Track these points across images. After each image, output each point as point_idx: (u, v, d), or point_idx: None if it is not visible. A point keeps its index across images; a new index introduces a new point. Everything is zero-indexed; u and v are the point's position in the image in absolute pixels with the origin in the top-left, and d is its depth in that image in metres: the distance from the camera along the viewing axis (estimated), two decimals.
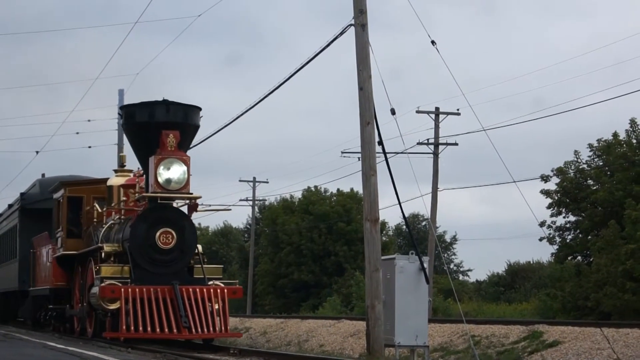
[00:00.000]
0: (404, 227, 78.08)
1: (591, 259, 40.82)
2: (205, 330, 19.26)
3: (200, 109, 21.21)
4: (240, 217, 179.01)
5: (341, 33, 20.20)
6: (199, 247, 21.32)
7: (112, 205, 23.27)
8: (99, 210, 24.18)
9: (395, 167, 21.81)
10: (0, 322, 36.61)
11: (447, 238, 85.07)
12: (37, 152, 45.43)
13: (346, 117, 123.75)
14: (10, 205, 37.06)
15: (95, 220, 24.32)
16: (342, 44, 20.75)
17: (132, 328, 18.93)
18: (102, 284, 19.67)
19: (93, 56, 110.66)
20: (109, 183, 24.21)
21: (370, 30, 19.85)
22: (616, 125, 75.93)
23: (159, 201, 20.21)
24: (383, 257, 20.14)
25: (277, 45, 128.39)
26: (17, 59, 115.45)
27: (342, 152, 48.45)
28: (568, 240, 43.75)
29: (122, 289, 19.37)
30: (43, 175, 35.06)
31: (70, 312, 24.95)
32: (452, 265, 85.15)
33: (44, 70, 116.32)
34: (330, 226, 60.50)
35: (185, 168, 19.96)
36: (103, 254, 21.07)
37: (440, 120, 45.50)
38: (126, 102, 41.84)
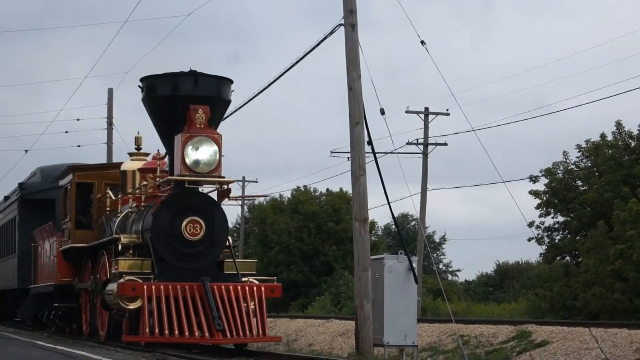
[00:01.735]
0: (393, 227, 78.28)
1: (579, 260, 40.95)
2: (241, 333, 16.64)
3: (232, 81, 18.68)
4: (229, 217, 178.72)
5: (331, 33, 20.21)
6: (229, 239, 18.68)
7: (128, 191, 20.58)
8: (113, 197, 21.44)
9: (384, 167, 21.89)
10: None
11: (436, 238, 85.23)
12: (26, 150, 45.31)
13: (335, 116, 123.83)
14: (6, 197, 34.50)
15: (108, 209, 21.56)
16: (332, 43, 20.77)
17: (157, 331, 16.46)
18: (121, 280, 17.04)
19: (82, 55, 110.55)
20: (122, 168, 21.59)
21: (359, 30, 19.87)
22: (604, 125, 76.19)
23: (186, 185, 17.60)
24: (372, 257, 20.15)
25: (264, 44, 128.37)
26: (4, 58, 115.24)
27: (332, 152, 48.58)
28: (557, 241, 43.91)
29: (145, 286, 16.80)
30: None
31: (80, 285, 22.35)
32: (441, 265, 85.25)
33: (32, 69, 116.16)
34: (320, 226, 60.53)
35: (216, 148, 17.38)
36: (120, 246, 18.53)
37: (429, 120, 45.61)
38: (115, 102, 42.18)
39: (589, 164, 42.27)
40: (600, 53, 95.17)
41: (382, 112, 20.50)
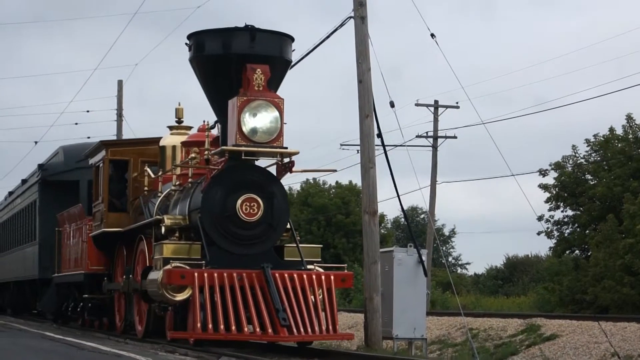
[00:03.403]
0: (403, 219, 78.22)
1: (589, 253, 40.92)
2: (309, 330, 14.37)
3: (293, 39, 16.39)
4: None
5: (341, 25, 20.21)
6: (290, 221, 16.16)
7: (176, 163, 17.87)
8: (152, 176, 18.92)
9: (394, 160, 21.85)
10: (14, 315, 32.92)
11: (446, 231, 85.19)
12: (35, 142, 45.46)
13: (345, 109, 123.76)
14: (24, 181, 32.43)
15: (146, 189, 19.11)
16: (341, 35, 20.71)
17: (210, 326, 14.19)
18: (168, 267, 14.74)
19: (90, 48, 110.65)
20: (162, 143, 19.19)
21: (369, 23, 19.86)
22: (614, 119, 76.05)
23: (242, 157, 15.20)
24: (381, 250, 20.14)
25: None
26: (12, 50, 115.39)
27: (341, 145, 48.58)
28: (566, 235, 43.88)
29: (196, 274, 14.44)
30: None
31: (110, 286, 20.14)
32: (450, 259, 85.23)
33: (40, 61, 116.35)
34: (329, 218, 60.53)
35: (277, 114, 14.98)
36: (163, 229, 16.05)
37: (439, 113, 45.57)
38: (125, 94, 42.19)
39: (598, 158, 42.21)
40: (610, 47, 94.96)
41: (392, 104, 20.52)
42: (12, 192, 35.37)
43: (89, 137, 45.16)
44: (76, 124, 47.91)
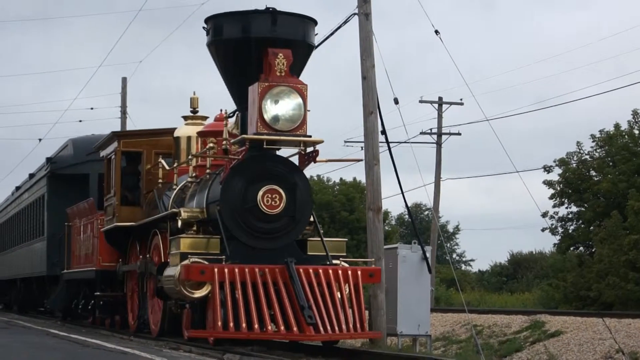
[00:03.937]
0: (407, 216, 78.25)
1: (593, 250, 40.91)
2: (336, 328, 13.63)
3: (316, 22, 15.60)
4: None
5: (345, 22, 20.20)
6: (313, 214, 15.53)
7: (194, 154, 16.92)
8: (166, 167, 18.19)
9: (398, 156, 21.83)
10: (20, 312, 32.49)
11: (450, 228, 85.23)
12: (39, 139, 45.32)
13: (349, 105, 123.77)
14: (31, 175, 31.56)
15: (160, 181, 18.29)
16: (345, 31, 20.70)
17: (231, 324, 13.56)
18: (186, 262, 14.00)
19: (93, 45, 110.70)
20: (176, 134, 18.42)
21: (373, 20, 19.83)
22: (618, 115, 76.07)
23: (264, 146, 14.42)
24: (385, 247, 20.12)
25: None
26: (15, 48, 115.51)
27: (345, 142, 48.66)
28: (570, 231, 43.87)
29: (216, 269, 13.77)
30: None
31: (125, 267, 19.56)
32: (454, 255, 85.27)
33: (43, 59, 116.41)
34: (333, 215, 60.53)
35: (300, 101, 14.25)
36: (180, 223, 15.23)
37: (443, 110, 45.59)
38: (129, 92, 42.19)
39: (603, 154, 42.20)
40: (615, 43, 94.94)
41: (396, 101, 20.50)
42: (20, 186, 34.73)
43: (93, 134, 45.05)
44: (80, 121, 47.79)
